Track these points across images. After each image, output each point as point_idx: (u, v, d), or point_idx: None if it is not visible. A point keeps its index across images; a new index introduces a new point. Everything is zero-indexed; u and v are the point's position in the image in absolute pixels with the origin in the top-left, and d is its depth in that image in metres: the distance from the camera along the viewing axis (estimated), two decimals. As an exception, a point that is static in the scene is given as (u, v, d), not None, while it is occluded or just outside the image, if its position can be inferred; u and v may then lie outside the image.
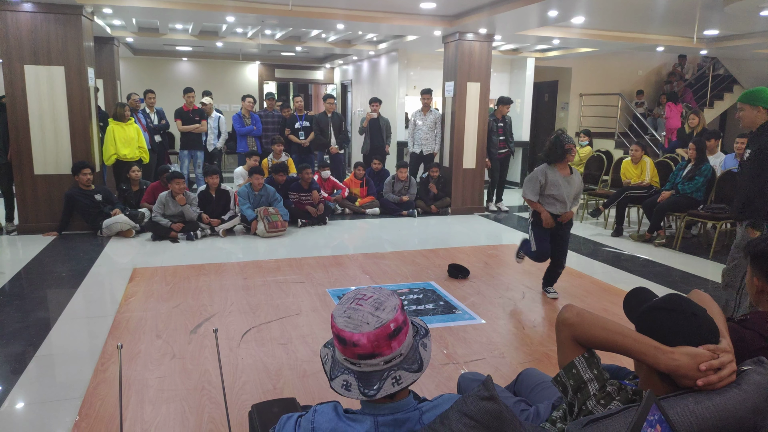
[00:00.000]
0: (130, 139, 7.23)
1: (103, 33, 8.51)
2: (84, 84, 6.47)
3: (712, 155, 6.67)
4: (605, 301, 4.52)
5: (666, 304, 1.37)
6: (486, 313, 4.21)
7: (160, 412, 2.76)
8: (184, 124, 8.24)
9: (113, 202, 6.60)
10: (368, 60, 11.92)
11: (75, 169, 6.37)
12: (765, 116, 3.50)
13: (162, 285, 4.72)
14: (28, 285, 4.78)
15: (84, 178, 6.34)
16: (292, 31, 9.26)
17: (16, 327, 3.82)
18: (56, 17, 6.23)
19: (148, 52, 11.96)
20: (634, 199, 6.90)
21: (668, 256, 6.01)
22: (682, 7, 6.39)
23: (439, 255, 5.84)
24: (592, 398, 1.36)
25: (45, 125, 6.38)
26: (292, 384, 3.09)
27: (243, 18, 7.25)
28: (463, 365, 3.34)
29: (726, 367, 1.27)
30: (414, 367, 1.24)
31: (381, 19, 7.32)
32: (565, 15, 6.68)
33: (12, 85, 6.22)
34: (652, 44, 8.77)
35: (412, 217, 7.92)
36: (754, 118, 3.54)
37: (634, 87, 11.91)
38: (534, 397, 2.03)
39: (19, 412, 2.81)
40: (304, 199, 7.31)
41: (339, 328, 1.23)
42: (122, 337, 3.64)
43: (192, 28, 9.11)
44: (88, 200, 6.37)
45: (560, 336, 1.44)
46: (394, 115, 10.29)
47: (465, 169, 8.23)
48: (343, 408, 1.31)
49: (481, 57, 7.99)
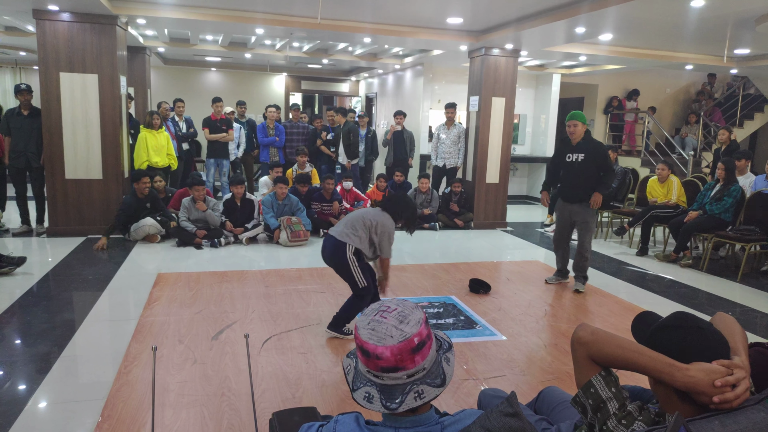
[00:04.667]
0: (160, 147, 7.40)
1: (135, 42, 8.72)
2: (116, 92, 6.63)
3: (741, 176, 6.55)
4: (628, 322, 4.42)
5: (672, 321, 1.36)
6: (507, 329, 4.18)
7: (180, 417, 2.79)
8: (211, 133, 8.37)
9: (161, 209, 6.72)
10: (393, 73, 12.00)
11: (137, 176, 6.54)
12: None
13: (185, 291, 4.78)
14: (56, 287, 4.88)
15: (143, 186, 6.49)
16: (319, 43, 9.39)
17: (43, 327, 3.90)
18: (92, 27, 6.41)
19: (179, 61, 12.22)
20: (660, 219, 6.79)
21: (694, 277, 5.90)
22: (713, 26, 6.32)
23: (460, 269, 5.81)
24: (612, 418, 1.34)
25: (77, 131, 6.55)
26: (311, 393, 3.09)
27: (272, 30, 7.37)
28: (483, 381, 3.31)
29: (741, 383, 1.25)
30: (437, 382, 1.23)
31: (408, 33, 7.39)
32: (593, 32, 6.65)
33: (47, 92, 6.40)
34: (681, 62, 8.67)
35: (434, 230, 7.91)
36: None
37: (661, 105, 11.77)
38: (555, 416, 2.01)
39: (43, 411, 2.86)
40: (326, 210, 7.36)
41: (363, 340, 1.23)
42: (145, 341, 3.69)
43: (222, 39, 9.29)
44: (140, 206, 6.52)
45: (576, 355, 1.43)
46: (417, 129, 10.33)
47: (488, 184, 8.20)
48: (364, 419, 1.31)
49: (506, 72, 7.99)
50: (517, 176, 11.44)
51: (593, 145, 5.02)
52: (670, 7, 5.38)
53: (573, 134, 5.01)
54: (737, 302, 5.10)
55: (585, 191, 5.05)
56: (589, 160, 4.97)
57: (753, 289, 5.56)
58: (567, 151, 5.12)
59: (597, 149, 4.99)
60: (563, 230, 5.31)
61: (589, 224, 5.14)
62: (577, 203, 5.11)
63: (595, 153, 4.97)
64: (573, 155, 5.06)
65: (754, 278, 5.94)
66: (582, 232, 5.17)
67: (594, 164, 4.97)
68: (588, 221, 5.12)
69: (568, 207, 5.20)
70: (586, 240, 5.15)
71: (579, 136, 5.01)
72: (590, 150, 4.98)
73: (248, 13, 6.78)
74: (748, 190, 6.30)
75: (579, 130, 4.99)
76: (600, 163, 4.97)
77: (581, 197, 5.07)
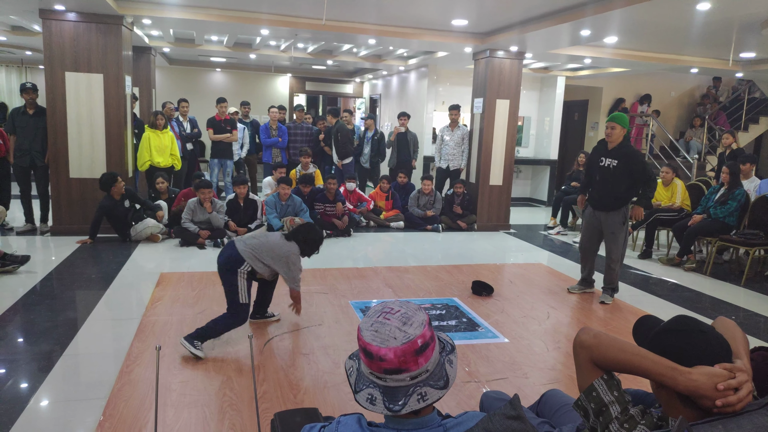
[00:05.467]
0: (164, 147, 7.42)
1: (141, 43, 8.75)
2: (121, 91, 6.65)
3: (746, 179, 6.52)
4: (631, 325, 4.41)
5: (673, 325, 1.36)
6: (509, 332, 4.17)
7: (182, 417, 2.79)
8: (215, 134, 8.39)
9: (138, 200, 6.61)
10: (398, 75, 12.00)
11: (106, 185, 6.27)
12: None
13: (188, 290, 4.79)
14: (59, 286, 4.89)
15: (117, 189, 6.31)
16: (324, 44, 9.40)
17: (45, 326, 3.91)
18: (98, 26, 6.43)
19: (184, 62, 12.25)
20: (664, 222, 6.77)
21: (698, 281, 5.88)
22: (718, 29, 6.31)
23: (462, 271, 5.80)
24: (614, 421, 1.33)
25: (82, 130, 6.57)
26: (313, 395, 3.09)
27: (277, 31, 7.38)
28: (485, 384, 3.30)
29: (743, 387, 1.24)
30: (440, 384, 1.23)
31: (412, 35, 7.39)
32: (598, 35, 6.64)
33: (53, 91, 6.42)
34: (687, 65, 8.65)
35: (437, 231, 7.90)
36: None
37: (666, 108, 11.74)
38: (557, 420, 2.00)
39: (45, 409, 2.87)
40: (329, 211, 7.36)
41: (366, 342, 1.23)
42: (147, 340, 3.70)
43: (227, 40, 9.31)
44: (119, 209, 6.41)
45: (578, 359, 1.43)
46: (421, 130, 10.33)
47: (492, 186, 8.19)
48: (366, 421, 1.30)
49: (511, 74, 7.99)
50: (520, 178, 11.43)
51: (629, 151, 4.70)
52: (676, 10, 5.36)
53: (610, 137, 4.71)
54: (741, 306, 5.08)
55: (614, 200, 4.74)
56: (622, 166, 4.65)
57: (757, 293, 5.54)
58: (602, 155, 4.82)
59: (633, 156, 4.68)
60: (591, 238, 5.06)
61: (617, 235, 4.82)
62: (604, 212, 4.83)
63: (630, 160, 4.64)
64: (606, 160, 4.76)
65: (758, 282, 5.92)
66: (609, 243, 4.89)
67: (627, 172, 4.65)
68: (615, 232, 4.81)
69: (596, 215, 4.93)
70: (613, 251, 4.86)
71: (617, 140, 4.69)
72: (625, 156, 4.66)
73: (253, 13, 6.79)
74: (752, 194, 6.27)
75: (617, 134, 4.67)
76: (635, 172, 4.64)
77: (609, 206, 4.77)
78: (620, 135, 4.71)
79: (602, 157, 4.83)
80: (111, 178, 6.31)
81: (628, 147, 4.76)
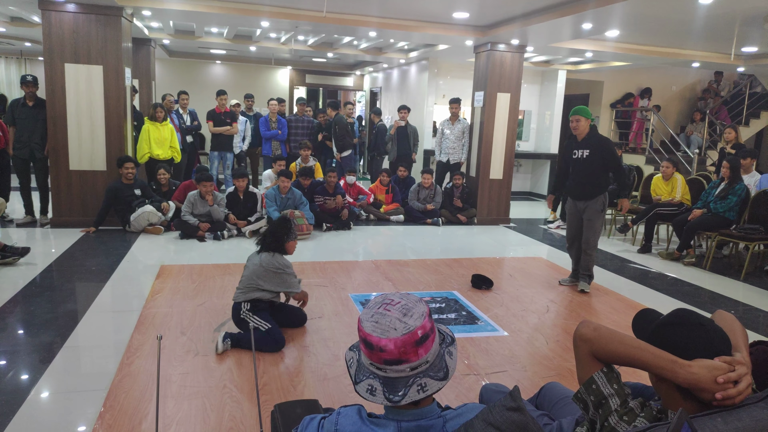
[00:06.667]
0: (163, 140, 7.41)
1: (141, 34, 8.71)
2: (121, 83, 6.63)
3: (746, 174, 6.52)
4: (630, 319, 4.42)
5: (673, 319, 1.36)
6: (509, 325, 4.18)
7: (182, 408, 2.80)
8: (215, 126, 8.37)
9: (151, 196, 6.73)
10: (398, 68, 11.96)
11: (119, 162, 6.51)
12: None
13: (188, 283, 4.79)
14: (59, 277, 4.90)
15: (126, 171, 6.48)
16: (324, 37, 9.36)
17: (46, 318, 3.91)
18: (97, 18, 6.41)
19: (183, 54, 12.20)
20: (664, 217, 6.77)
21: (697, 275, 5.88)
22: (720, 23, 6.29)
23: (462, 265, 5.81)
24: (613, 414, 1.34)
25: (82, 122, 6.55)
26: (313, 387, 3.10)
27: (277, 23, 7.35)
28: (485, 377, 3.31)
29: (742, 380, 1.25)
30: (440, 375, 1.23)
31: (413, 27, 7.36)
32: (599, 28, 6.62)
33: (52, 83, 6.40)
34: (688, 60, 8.63)
35: (437, 225, 7.90)
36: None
37: (667, 102, 11.72)
38: (556, 412, 2.01)
39: (45, 401, 2.88)
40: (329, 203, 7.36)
41: (366, 332, 1.23)
42: (148, 332, 3.70)
43: (227, 32, 9.28)
44: (128, 193, 6.51)
45: (578, 352, 1.43)
46: (422, 124, 10.31)
47: (492, 180, 8.19)
48: (366, 412, 1.31)
49: (512, 68, 7.96)
50: (521, 172, 11.42)
51: (598, 140, 4.90)
52: (678, 4, 5.34)
53: (576, 129, 4.93)
54: (740, 301, 5.09)
55: (591, 188, 4.92)
56: (594, 155, 4.86)
57: (756, 288, 5.55)
58: (573, 147, 5.03)
59: (602, 144, 4.87)
60: (574, 229, 5.19)
61: (593, 222, 5.01)
62: (583, 200, 5.02)
63: (601, 148, 4.84)
64: (579, 151, 4.97)
65: (757, 277, 5.92)
66: (586, 230, 5.06)
67: (600, 160, 4.85)
68: (593, 219, 4.99)
69: (576, 204, 5.11)
70: (590, 238, 5.04)
71: (584, 132, 4.91)
72: (595, 145, 4.87)
73: (254, 5, 6.76)
74: (753, 189, 6.27)
75: (582, 126, 4.90)
76: (606, 159, 4.84)
77: (587, 194, 4.96)
78: (586, 126, 4.93)
79: (575, 150, 5.03)
80: (124, 158, 6.56)
81: (597, 136, 4.96)
